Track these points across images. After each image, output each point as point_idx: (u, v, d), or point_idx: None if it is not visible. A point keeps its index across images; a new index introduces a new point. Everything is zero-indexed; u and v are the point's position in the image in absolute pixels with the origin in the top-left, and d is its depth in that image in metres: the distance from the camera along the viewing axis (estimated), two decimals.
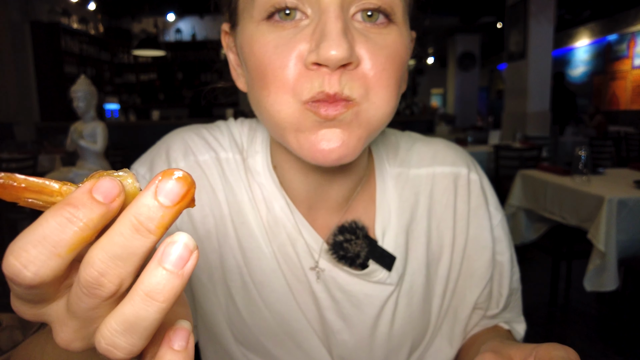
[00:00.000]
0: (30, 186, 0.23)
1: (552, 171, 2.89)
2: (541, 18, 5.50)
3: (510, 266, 0.65)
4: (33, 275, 0.21)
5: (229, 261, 0.58)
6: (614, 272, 2.19)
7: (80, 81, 2.85)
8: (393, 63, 0.45)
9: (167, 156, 0.59)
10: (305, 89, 0.43)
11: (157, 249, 0.22)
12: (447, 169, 0.64)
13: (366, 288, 0.58)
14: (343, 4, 0.43)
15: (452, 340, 0.65)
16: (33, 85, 7.08)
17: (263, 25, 0.45)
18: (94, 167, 2.89)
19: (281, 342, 0.58)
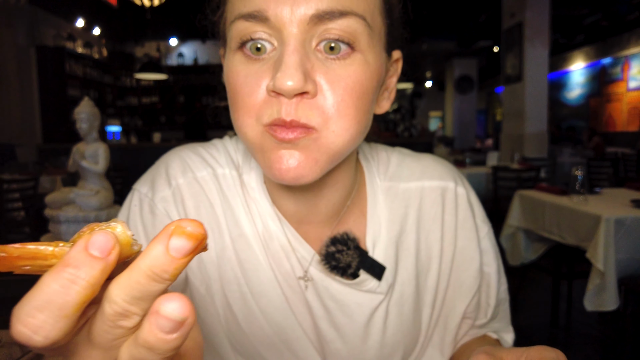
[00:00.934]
0: (23, 254, 0.23)
1: (550, 191, 2.90)
2: (536, 42, 5.62)
3: (497, 277, 0.67)
4: (44, 339, 0.22)
5: (227, 273, 0.59)
6: (614, 292, 2.18)
7: (83, 103, 2.89)
8: (352, 93, 0.47)
9: (166, 174, 0.61)
10: (266, 114, 0.47)
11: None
12: (435, 183, 0.66)
13: (357, 297, 0.60)
14: (303, 38, 0.46)
15: (443, 350, 0.66)
16: (36, 108, 7.17)
17: (237, 54, 0.49)
18: (95, 187, 2.91)
19: (278, 351, 0.59)
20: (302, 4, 0.45)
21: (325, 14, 0.45)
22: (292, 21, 0.45)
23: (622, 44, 8.81)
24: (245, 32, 0.47)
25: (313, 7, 0.45)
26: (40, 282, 0.22)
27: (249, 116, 0.48)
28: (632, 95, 8.62)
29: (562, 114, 11.15)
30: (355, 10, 0.46)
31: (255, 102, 0.47)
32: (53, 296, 0.22)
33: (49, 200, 2.92)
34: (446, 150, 6.76)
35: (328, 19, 0.45)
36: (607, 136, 8.97)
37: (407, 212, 0.65)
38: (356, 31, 0.47)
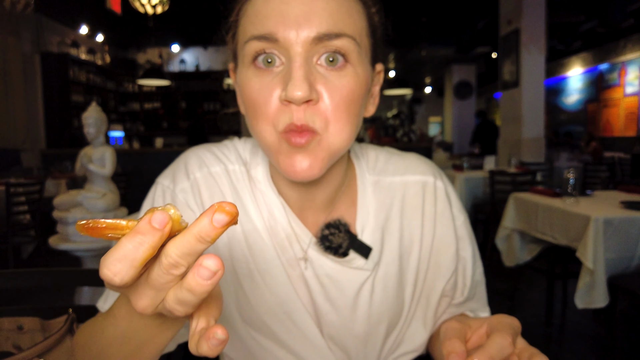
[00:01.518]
0: (108, 225, 0.33)
1: (543, 194, 2.97)
2: (532, 48, 5.71)
3: (472, 261, 0.76)
4: (120, 280, 0.32)
5: (237, 253, 0.68)
6: (603, 289, 2.24)
7: (91, 108, 2.97)
8: (346, 100, 0.56)
9: (185, 169, 0.71)
10: (281, 121, 0.56)
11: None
12: (417, 177, 0.75)
13: (347, 273, 0.68)
14: (307, 55, 0.55)
15: (425, 323, 0.75)
16: (41, 113, 7.26)
17: (250, 69, 0.58)
18: (102, 190, 2.98)
19: (281, 321, 0.68)
20: (306, 28, 0.54)
21: (324, 35, 0.55)
22: (298, 42, 0.54)
23: (619, 50, 8.91)
24: (258, 49, 0.56)
25: (315, 31, 0.54)
26: (119, 243, 0.32)
27: (266, 123, 0.57)
28: (629, 100, 8.71)
29: (560, 119, 11.23)
30: (347, 33, 0.56)
31: (270, 110, 0.56)
32: (127, 252, 0.32)
33: (57, 203, 2.99)
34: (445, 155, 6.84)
35: (326, 39, 0.55)
36: (604, 141, 9.05)
37: (392, 202, 0.74)
38: (349, 49, 0.56)
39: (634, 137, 8.48)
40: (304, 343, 0.69)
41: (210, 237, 0.32)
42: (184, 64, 9.78)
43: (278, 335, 0.68)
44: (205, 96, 9.66)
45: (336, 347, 0.70)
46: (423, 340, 0.75)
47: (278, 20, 0.54)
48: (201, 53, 9.80)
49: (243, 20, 0.59)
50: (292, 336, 0.68)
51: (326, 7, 0.55)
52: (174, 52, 9.90)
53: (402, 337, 0.74)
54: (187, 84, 9.60)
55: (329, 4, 0.55)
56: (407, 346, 0.74)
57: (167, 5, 5.50)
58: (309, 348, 0.69)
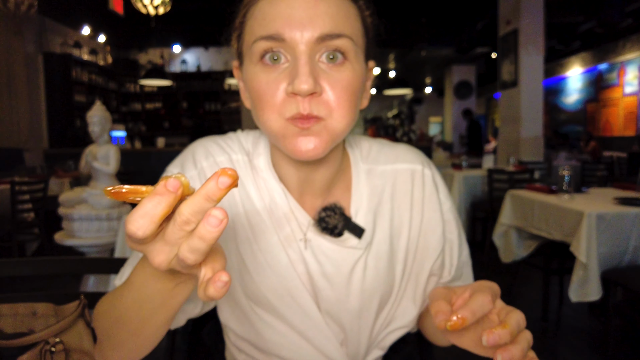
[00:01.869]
0: (129, 190, 0.39)
1: (539, 190, 3.02)
2: (531, 48, 5.76)
3: (458, 243, 0.82)
4: (142, 234, 0.38)
5: (240, 235, 0.74)
6: (596, 283, 2.28)
7: (96, 107, 3.04)
8: (346, 92, 0.63)
9: (193, 159, 0.77)
10: (287, 110, 0.62)
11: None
12: (406, 165, 0.81)
13: (342, 252, 0.74)
14: (310, 53, 0.61)
15: (415, 300, 0.81)
16: (43, 113, 7.33)
17: (258, 65, 0.64)
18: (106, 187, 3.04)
19: (281, 296, 0.73)
20: (310, 29, 0.60)
21: (326, 36, 0.61)
22: (302, 41, 0.60)
23: (618, 50, 8.96)
24: (266, 47, 0.62)
25: (318, 32, 0.60)
26: (141, 203, 0.39)
27: (272, 112, 0.63)
28: (628, 100, 8.75)
29: (560, 119, 11.27)
30: (346, 33, 0.62)
31: (277, 101, 0.62)
32: (148, 210, 0.38)
33: (63, 199, 3.05)
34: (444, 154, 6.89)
35: (328, 39, 0.61)
36: (604, 141, 9.09)
37: (383, 188, 0.79)
38: (347, 47, 0.62)
39: (633, 137, 8.53)
40: (303, 318, 0.74)
41: (216, 197, 0.38)
42: (185, 64, 9.84)
43: (279, 310, 0.74)
44: (207, 96, 9.73)
45: (332, 321, 0.75)
46: (413, 316, 0.80)
47: (284, 22, 0.60)
48: (202, 53, 9.86)
49: (250, 22, 0.65)
50: (292, 311, 0.74)
51: (327, 10, 0.61)
52: (176, 53, 9.97)
53: (394, 314, 0.80)
54: (188, 84, 9.68)
55: (330, 8, 0.61)
56: (398, 322, 0.80)
57: (169, 6, 5.57)
58: (308, 322, 0.74)
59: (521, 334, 0.54)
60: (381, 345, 0.81)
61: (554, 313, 3.11)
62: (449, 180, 4.80)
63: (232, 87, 9.59)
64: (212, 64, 9.87)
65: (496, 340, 0.51)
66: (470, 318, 0.53)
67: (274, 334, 0.75)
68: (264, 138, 0.79)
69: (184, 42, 9.54)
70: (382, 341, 0.81)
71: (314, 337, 0.75)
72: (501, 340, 0.51)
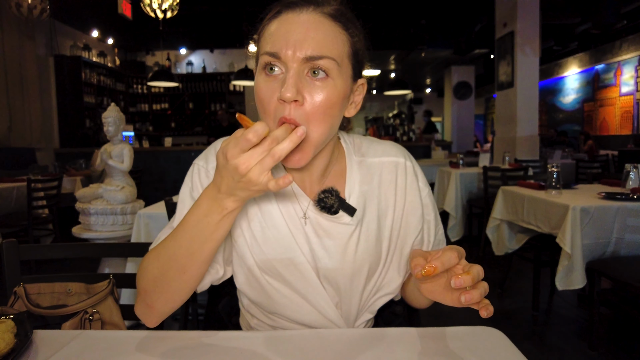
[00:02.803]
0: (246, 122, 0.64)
1: (529, 186, 3.15)
2: (527, 50, 5.90)
3: (435, 223, 0.97)
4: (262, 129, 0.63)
5: (250, 213, 0.88)
6: (580, 272, 2.39)
7: (110, 108, 3.21)
8: (324, 104, 0.75)
9: (214, 151, 0.93)
10: (277, 114, 0.74)
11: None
12: (391, 159, 0.95)
13: (338, 227, 0.88)
14: (299, 69, 0.74)
15: (399, 271, 0.95)
16: (54, 114, 7.51)
17: (262, 74, 0.77)
18: (121, 183, 3.23)
19: (286, 265, 0.86)
20: (298, 51, 0.73)
21: (311, 57, 0.73)
22: (293, 60, 0.73)
23: (615, 51, 9.08)
24: (267, 61, 0.76)
25: (304, 53, 0.73)
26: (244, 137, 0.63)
27: (268, 117, 0.75)
28: (625, 99, 8.88)
29: (557, 118, 11.39)
30: (330, 55, 0.75)
31: (271, 107, 0.75)
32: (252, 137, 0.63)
33: (80, 195, 3.23)
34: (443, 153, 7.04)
35: (313, 59, 0.74)
36: (601, 140, 9.22)
37: (372, 177, 0.94)
38: (329, 67, 0.75)
39: (629, 135, 8.65)
40: (304, 283, 0.88)
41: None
42: (191, 66, 9.98)
43: (284, 277, 0.87)
44: (212, 97, 9.86)
45: (329, 285, 0.88)
46: (397, 284, 0.96)
47: (282, 44, 0.74)
48: (208, 55, 10.01)
49: (262, 39, 0.79)
50: (295, 277, 0.87)
51: (315, 36, 0.74)
52: (182, 55, 10.12)
53: (382, 282, 0.95)
54: (194, 86, 9.81)
55: (317, 34, 0.74)
56: (385, 289, 0.95)
57: (177, 10, 5.74)
58: (308, 287, 0.89)
59: (480, 282, 0.66)
60: (370, 309, 0.94)
61: (545, 303, 3.24)
62: (446, 177, 4.95)
63: (237, 89, 9.75)
64: (217, 66, 10.01)
65: (461, 284, 0.63)
66: (440, 267, 0.66)
67: (281, 297, 0.88)
68: None
69: (190, 44, 9.69)
70: (372, 305, 0.94)
71: (313, 299, 0.87)
72: (464, 283, 0.63)
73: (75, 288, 1.17)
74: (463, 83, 11.43)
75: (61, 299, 1.16)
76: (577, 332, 2.82)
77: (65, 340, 0.75)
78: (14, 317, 0.77)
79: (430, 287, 0.73)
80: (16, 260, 1.19)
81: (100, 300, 1.12)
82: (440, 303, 0.74)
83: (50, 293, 1.15)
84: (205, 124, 9.94)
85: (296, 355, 0.72)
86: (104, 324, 1.09)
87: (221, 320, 1.08)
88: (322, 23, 0.76)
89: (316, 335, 0.80)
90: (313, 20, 0.75)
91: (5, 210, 4.21)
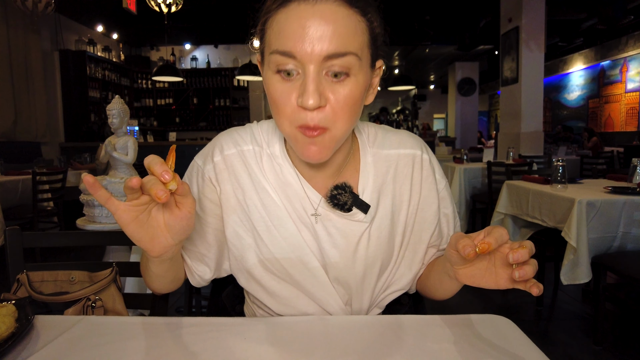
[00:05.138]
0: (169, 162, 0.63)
1: (534, 181, 3.12)
2: (532, 45, 5.87)
3: (453, 216, 0.93)
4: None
5: (254, 214, 0.84)
6: (586, 266, 2.36)
7: (115, 100, 3.21)
8: (348, 103, 0.70)
9: (212, 154, 0.88)
10: (297, 119, 0.69)
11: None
12: (408, 151, 0.90)
13: (350, 225, 0.84)
14: (318, 70, 0.67)
15: (411, 267, 0.92)
16: (60, 108, 7.54)
17: (276, 76, 0.70)
18: (125, 175, 3.22)
19: (294, 264, 0.84)
20: (318, 49, 0.66)
21: (332, 55, 0.67)
22: (312, 60, 0.66)
23: (620, 47, 9.01)
24: (281, 62, 0.69)
25: (325, 51, 0.66)
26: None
27: (285, 119, 0.71)
28: (630, 96, 8.83)
29: (562, 115, 11.34)
30: (351, 51, 0.68)
31: (289, 110, 0.70)
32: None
33: (84, 188, 3.23)
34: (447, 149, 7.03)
35: (334, 58, 0.67)
36: (606, 136, 9.17)
37: (387, 170, 0.88)
38: (351, 63, 0.68)
39: (635, 132, 8.60)
40: (313, 282, 0.84)
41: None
42: (196, 61, 9.97)
43: (293, 276, 0.84)
44: (216, 92, 9.85)
45: (339, 284, 0.85)
46: (408, 280, 0.93)
47: (297, 42, 0.66)
48: (212, 51, 10.00)
49: (269, 32, 0.71)
50: (304, 277, 0.84)
51: (335, 30, 0.66)
52: (186, 50, 10.12)
53: (392, 278, 0.92)
54: (198, 81, 9.79)
55: (337, 28, 0.66)
56: (396, 285, 0.93)
57: (181, 4, 5.73)
58: (317, 285, 0.84)
59: (530, 259, 0.63)
60: (380, 305, 0.92)
61: (549, 298, 3.22)
62: (450, 173, 4.93)
63: (241, 84, 9.74)
64: (222, 61, 9.99)
65: (519, 258, 0.61)
66: (494, 243, 0.63)
67: (285, 297, 0.86)
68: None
69: (195, 40, 9.68)
70: (382, 301, 0.92)
71: (322, 299, 0.85)
72: (522, 257, 0.61)
73: (78, 276, 1.17)
74: (467, 79, 11.39)
75: (64, 286, 1.16)
76: (582, 327, 2.79)
77: (67, 325, 0.74)
78: (15, 303, 0.77)
79: (470, 272, 0.71)
80: (19, 247, 1.18)
81: (103, 288, 1.12)
82: (442, 301, 0.72)
83: (54, 281, 1.16)
84: (209, 119, 9.94)
85: (302, 340, 0.71)
86: (106, 312, 1.09)
87: (225, 309, 1.07)
88: (340, 12, 0.67)
89: (322, 322, 0.79)
90: (330, 11, 0.67)
91: (10, 203, 4.23)
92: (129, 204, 0.62)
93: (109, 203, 0.60)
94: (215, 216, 0.86)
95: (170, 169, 0.60)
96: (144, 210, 0.64)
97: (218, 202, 0.86)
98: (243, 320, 0.79)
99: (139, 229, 0.64)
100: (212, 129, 9.70)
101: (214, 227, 0.86)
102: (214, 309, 1.12)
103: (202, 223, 0.86)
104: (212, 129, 9.70)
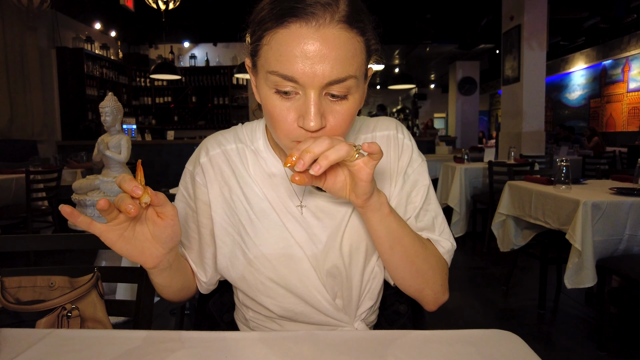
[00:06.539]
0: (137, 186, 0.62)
1: (537, 181, 3.07)
2: (534, 44, 5.82)
3: (425, 191, 0.94)
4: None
5: (238, 208, 0.88)
6: (591, 270, 2.32)
7: (108, 98, 3.15)
8: (345, 121, 0.72)
9: (198, 157, 0.92)
10: (296, 136, 0.71)
11: None
12: (384, 132, 0.94)
13: (337, 206, 0.88)
14: (318, 93, 0.68)
15: None
16: (56, 106, 7.48)
17: (274, 95, 0.73)
18: (118, 175, 3.16)
19: (279, 256, 0.86)
20: (320, 75, 0.67)
21: (333, 81, 0.68)
22: (313, 85, 0.67)
23: (623, 46, 8.97)
24: (281, 84, 0.69)
25: (327, 78, 0.67)
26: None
27: (283, 135, 0.73)
28: (632, 96, 8.78)
29: (563, 114, 11.30)
30: (351, 74, 0.69)
31: (287, 127, 0.71)
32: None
33: (76, 187, 3.17)
34: (447, 148, 6.98)
35: (335, 83, 0.68)
36: (607, 136, 9.12)
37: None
38: (350, 86, 0.70)
39: (637, 132, 8.55)
40: (299, 275, 0.86)
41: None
42: (194, 59, 9.94)
43: (277, 267, 0.86)
44: (215, 91, 9.83)
45: (327, 276, 0.87)
46: None
47: (299, 67, 0.66)
48: (211, 49, 9.96)
49: (266, 48, 0.70)
50: (289, 269, 0.86)
51: (337, 57, 0.67)
52: (185, 48, 10.07)
53: (380, 263, 0.91)
54: (197, 79, 9.77)
55: (339, 54, 0.67)
56: (383, 272, 0.92)
57: (179, 1, 5.67)
58: (304, 279, 0.86)
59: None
60: (371, 295, 0.92)
61: (551, 301, 3.18)
62: (451, 172, 4.87)
63: (241, 82, 9.69)
64: (220, 59, 9.96)
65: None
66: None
67: (275, 293, 0.87)
68: (261, 125, 0.94)
69: (193, 38, 9.65)
70: (372, 290, 0.92)
71: (309, 294, 0.86)
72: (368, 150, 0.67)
73: (58, 282, 1.11)
74: (468, 78, 11.34)
75: (43, 293, 1.10)
76: (585, 331, 2.75)
77: (32, 340, 0.69)
78: None
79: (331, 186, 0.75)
80: None
81: (83, 295, 1.06)
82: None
83: (32, 287, 1.09)
84: (208, 117, 9.89)
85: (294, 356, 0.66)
86: (85, 321, 1.04)
87: (212, 318, 1.05)
88: (342, 37, 0.67)
89: (311, 338, 0.74)
90: (333, 36, 0.66)
91: (4, 202, 4.18)
92: (110, 225, 0.66)
93: (92, 227, 0.64)
94: (209, 217, 0.90)
95: (140, 184, 0.63)
96: (127, 227, 0.68)
97: (209, 203, 0.90)
98: (226, 334, 0.75)
99: (127, 245, 0.69)
100: (211, 128, 9.67)
101: (210, 228, 0.91)
102: (201, 318, 1.09)
103: (198, 225, 0.91)
104: (211, 128, 9.67)
